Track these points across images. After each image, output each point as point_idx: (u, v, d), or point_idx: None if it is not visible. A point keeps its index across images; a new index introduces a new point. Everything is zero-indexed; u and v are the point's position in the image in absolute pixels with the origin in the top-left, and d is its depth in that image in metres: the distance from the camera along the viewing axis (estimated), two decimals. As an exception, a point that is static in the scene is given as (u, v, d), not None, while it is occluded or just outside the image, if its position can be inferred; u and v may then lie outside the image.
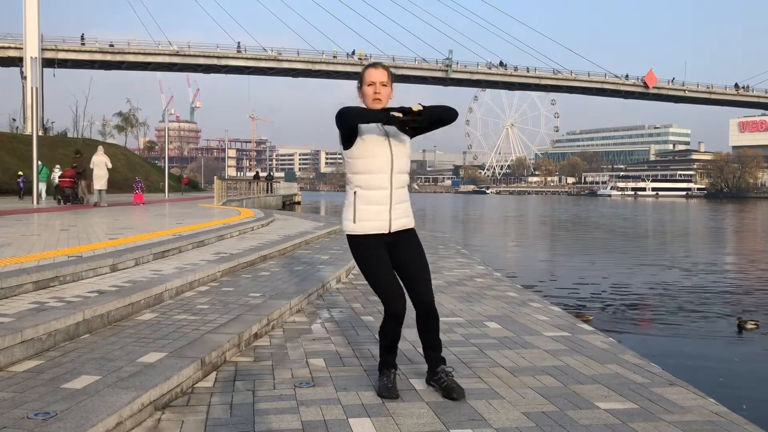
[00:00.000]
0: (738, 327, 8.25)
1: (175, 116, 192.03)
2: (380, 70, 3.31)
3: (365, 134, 3.23)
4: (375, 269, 3.31)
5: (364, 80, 3.30)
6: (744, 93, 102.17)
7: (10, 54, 66.78)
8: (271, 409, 3.10)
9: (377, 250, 3.30)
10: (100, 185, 20.17)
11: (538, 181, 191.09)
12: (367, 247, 3.31)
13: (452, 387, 3.29)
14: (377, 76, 3.28)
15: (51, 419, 2.59)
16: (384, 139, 3.25)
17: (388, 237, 3.32)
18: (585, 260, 16.50)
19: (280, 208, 37.51)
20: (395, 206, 3.30)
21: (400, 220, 3.34)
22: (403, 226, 3.36)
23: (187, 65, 78.80)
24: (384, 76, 3.30)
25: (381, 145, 3.24)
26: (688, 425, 2.98)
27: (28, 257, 5.93)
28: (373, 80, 3.27)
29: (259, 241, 9.41)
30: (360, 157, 3.24)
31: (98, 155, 20.15)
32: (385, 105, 3.29)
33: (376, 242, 3.30)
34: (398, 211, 3.32)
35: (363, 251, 3.33)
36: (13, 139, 43.55)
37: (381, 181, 3.25)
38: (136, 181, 25.11)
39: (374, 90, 3.26)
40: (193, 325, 4.33)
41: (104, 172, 20.08)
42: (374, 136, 3.24)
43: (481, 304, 6.03)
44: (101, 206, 19.19)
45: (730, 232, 29.93)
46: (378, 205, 3.27)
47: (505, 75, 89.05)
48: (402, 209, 3.34)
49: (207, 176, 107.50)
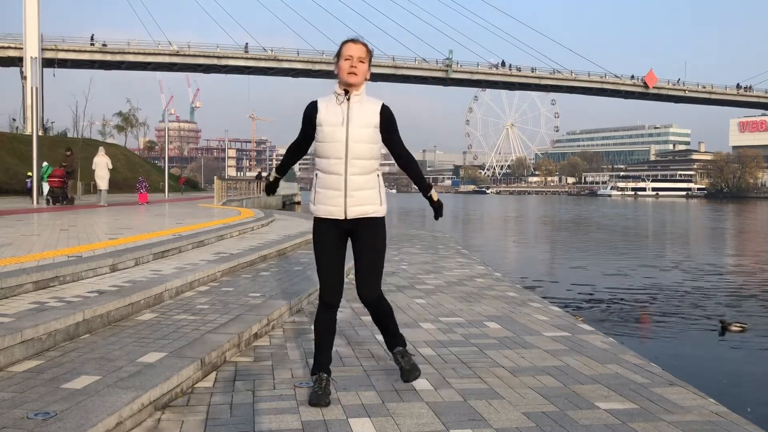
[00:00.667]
0: (721, 328, 8.21)
1: (175, 116, 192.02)
2: (359, 45, 3.22)
3: (323, 121, 3.20)
4: (319, 253, 3.30)
5: (341, 54, 3.22)
6: (744, 93, 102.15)
7: (10, 54, 66.78)
8: (271, 409, 3.09)
9: (329, 235, 3.28)
10: (101, 185, 20.45)
11: (538, 181, 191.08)
12: (320, 231, 3.31)
13: (405, 369, 3.36)
14: (355, 50, 3.19)
15: (51, 419, 2.59)
16: (342, 125, 3.18)
17: (344, 223, 3.25)
18: (585, 261, 16.50)
19: (280, 208, 37.51)
20: (351, 193, 3.20)
21: (358, 208, 3.22)
22: (362, 214, 3.24)
23: (187, 65, 78.80)
24: (362, 52, 3.21)
25: (338, 131, 3.17)
26: (688, 425, 2.98)
27: (28, 257, 5.93)
28: (350, 54, 3.19)
29: (259, 241, 9.40)
30: (320, 141, 3.22)
31: (100, 156, 20.42)
32: (360, 82, 3.21)
33: (330, 227, 3.27)
34: (355, 199, 3.21)
35: (316, 234, 3.33)
36: (13, 139, 43.57)
37: (336, 166, 3.20)
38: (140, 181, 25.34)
39: (351, 64, 3.18)
40: (193, 325, 4.33)
41: (105, 172, 20.35)
42: (332, 123, 3.19)
43: (481, 304, 6.03)
44: (102, 206, 19.25)
45: (734, 233, 29.92)
46: (333, 189, 3.23)
47: (505, 75, 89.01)
48: (361, 197, 3.22)
49: (207, 176, 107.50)
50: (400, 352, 3.42)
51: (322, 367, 3.27)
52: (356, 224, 3.26)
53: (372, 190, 3.26)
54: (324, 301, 3.32)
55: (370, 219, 3.27)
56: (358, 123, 3.19)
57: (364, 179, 3.22)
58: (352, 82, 3.18)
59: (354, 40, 3.25)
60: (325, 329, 3.32)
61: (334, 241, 3.29)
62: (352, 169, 3.19)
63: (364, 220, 3.26)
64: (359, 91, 3.23)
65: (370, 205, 3.26)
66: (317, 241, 3.32)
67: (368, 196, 3.25)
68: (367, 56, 3.23)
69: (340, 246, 3.32)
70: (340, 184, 3.20)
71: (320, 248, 3.31)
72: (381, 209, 3.30)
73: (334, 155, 3.19)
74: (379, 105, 3.26)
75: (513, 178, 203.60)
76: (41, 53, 59.58)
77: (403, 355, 3.41)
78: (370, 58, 3.28)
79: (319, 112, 3.21)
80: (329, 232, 3.28)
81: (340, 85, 3.24)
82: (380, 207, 3.29)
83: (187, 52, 75.87)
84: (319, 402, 3.13)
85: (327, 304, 3.32)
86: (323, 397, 3.16)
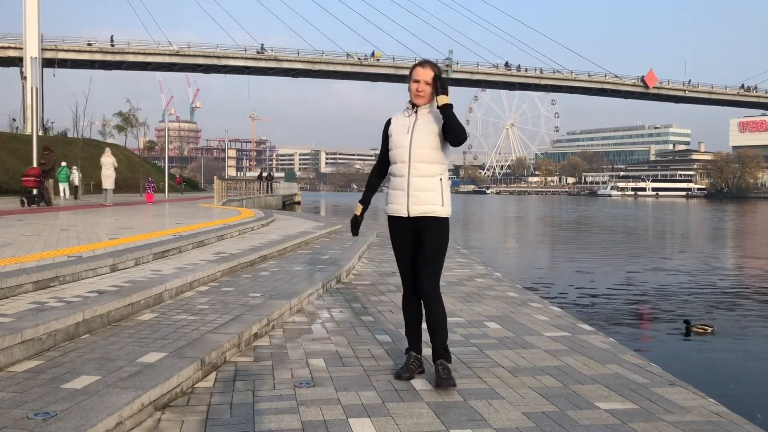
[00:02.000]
0: (686, 329, 8.16)
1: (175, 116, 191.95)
2: (427, 70, 3.53)
3: (393, 131, 3.61)
4: (394, 247, 3.70)
5: (411, 76, 3.56)
6: (744, 93, 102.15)
7: (10, 54, 66.77)
8: (271, 409, 3.09)
9: (399, 232, 3.65)
10: (107, 184, 21.10)
11: (538, 181, 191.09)
12: (392, 228, 3.69)
13: (442, 377, 3.43)
14: (422, 75, 3.52)
15: (51, 419, 2.59)
16: (407, 133, 3.54)
17: (409, 221, 3.57)
18: (586, 261, 16.50)
19: (280, 208, 37.52)
20: (414, 193, 3.52)
21: (421, 207, 3.52)
22: (425, 213, 3.52)
23: (187, 65, 78.78)
24: (428, 77, 3.51)
25: (403, 138, 3.55)
26: (688, 425, 2.98)
27: (28, 257, 5.93)
28: (418, 78, 3.53)
29: (259, 241, 9.41)
30: (390, 149, 3.62)
31: (106, 156, 21.19)
32: (427, 103, 3.55)
33: (399, 225, 3.63)
34: (418, 198, 3.51)
35: (390, 231, 3.71)
36: (13, 139, 43.53)
37: (401, 169, 3.56)
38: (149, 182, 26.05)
39: (417, 88, 3.52)
40: (193, 325, 4.33)
41: (111, 171, 21.09)
42: (399, 131, 3.58)
43: (481, 304, 6.03)
44: (107, 205, 19.55)
45: (738, 234, 29.91)
46: (398, 190, 3.58)
47: (505, 75, 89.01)
48: (422, 197, 3.51)
49: (207, 176, 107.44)
50: (442, 365, 3.48)
51: (412, 346, 3.69)
52: (420, 223, 3.56)
53: (433, 192, 3.54)
54: (404, 290, 3.72)
55: (432, 218, 3.54)
56: (422, 130, 3.52)
57: (425, 181, 3.52)
58: (419, 103, 3.56)
59: (422, 63, 3.61)
60: (408, 313, 3.71)
61: (405, 235, 3.63)
62: (415, 171, 3.52)
63: (427, 219, 3.54)
64: (426, 107, 3.57)
65: (431, 206, 3.53)
66: (392, 238, 3.71)
67: (430, 197, 3.53)
68: (433, 78, 3.52)
69: (411, 241, 3.62)
70: (404, 185, 3.55)
71: (394, 243, 3.70)
72: (442, 210, 3.56)
73: (400, 159, 3.56)
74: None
75: (513, 178, 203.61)
76: (41, 53, 59.56)
77: (444, 368, 3.47)
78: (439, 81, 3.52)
79: (391, 124, 3.65)
80: (398, 229, 3.65)
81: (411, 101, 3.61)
82: (441, 208, 3.55)
83: (187, 52, 75.86)
84: (401, 375, 3.57)
85: (408, 290, 3.69)
86: (404, 371, 3.58)
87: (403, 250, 3.65)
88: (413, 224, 3.57)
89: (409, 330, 3.70)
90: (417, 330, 3.69)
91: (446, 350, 3.54)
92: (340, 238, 11.81)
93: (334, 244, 10.42)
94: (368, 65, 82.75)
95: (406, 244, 3.63)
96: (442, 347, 3.52)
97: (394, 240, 3.68)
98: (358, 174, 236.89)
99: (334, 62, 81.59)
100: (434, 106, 3.53)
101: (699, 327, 8.14)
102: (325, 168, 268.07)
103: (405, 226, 3.60)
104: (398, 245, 3.66)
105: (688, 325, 8.22)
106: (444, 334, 3.55)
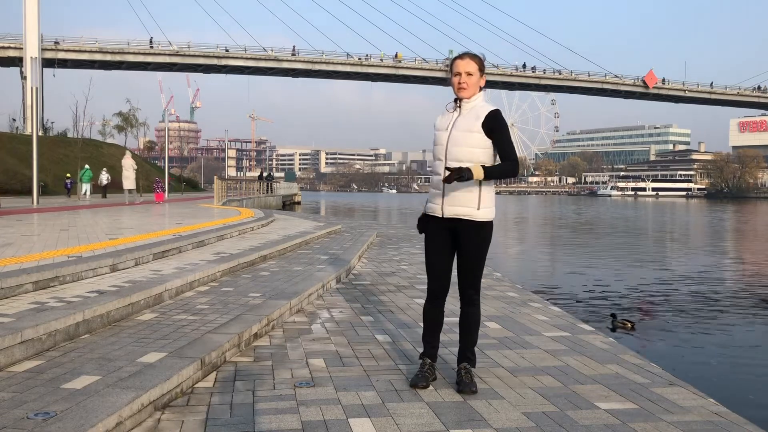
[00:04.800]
0: (612, 324, 8.19)
1: (175, 116, 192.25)
2: (465, 60, 3.39)
3: (436, 127, 3.50)
4: (426, 247, 3.54)
5: (452, 70, 3.42)
6: (744, 93, 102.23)
7: (10, 54, 66.81)
8: (271, 409, 3.09)
9: (434, 231, 3.48)
10: (127, 185, 22.71)
11: (539, 181, 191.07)
12: (428, 226, 3.52)
13: (465, 382, 3.40)
14: (462, 66, 3.38)
15: (51, 419, 2.59)
16: (446, 130, 3.42)
17: (445, 222, 3.42)
18: (586, 261, 16.50)
19: (280, 208, 37.52)
20: (450, 193, 3.37)
21: (455, 208, 3.37)
22: (458, 215, 3.37)
23: (187, 65, 78.84)
24: (469, 66, 3.37)
25: (442, 135, 3.43)
26: (688, 425, 2.98)
27: (28, 257, 5.93)
28: (458, 71, 3.38)
29: (259, 241, 9.40)
30: (433, 146, 3.51)
31: (126, 158, 23.10)
32: (470, 95, 3.39)
33: (435, 224, 3.47)
34: (453, 199, 3.37)
35: (427, 229, 3.54)
36: (13, 139, 43.54)
37: (439, 167, 3.42)
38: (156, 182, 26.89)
39: (459, 81, 3.38)
40: (193, 325, 4.32)
41: (130, 173, 22.64)
42: (440, 128, 3.46)
43: (481, 304, 6.02)
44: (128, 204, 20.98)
45: (741, 234, 29.92)
46: (435, 189, 3.46)
47: (504, 75, 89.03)
48: (459, 198, 3.36)
49: (207, 176, 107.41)
50: (465, 368, 3.46)
51: (427, 353, 3.53)
52: (457, 224, 3.41)
53: (470, 193, 3.36)
54: (428, 289, 3.55)
55: (470, 221, 3.38)
56: (461, 127, 3.37)
57: (465, 182, 3.31)
58: (463, 96, 3.40)
59: (461, 56, 3.43)
60: (429, 318, 3.55)
61: (440, 235, 3.47)
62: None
63: (464, 221, 3.39)
64: (470, 101, 3.41)
65: (466, 207, 3.37)
66: (426, 236, 3.54)
67: (465, 198, 3.37)
68: (476, 68, 3.39)
69: (445, 243, 3.47)
70: (440, 184, 3.40)
71: (427, 242, 3.53)
72: (479, 213, 3.37)
73: (438, 157, 3.44)
74: (487, 110, 3.37)
75: (513, 178, 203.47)
76: (41, 53, 59.60)
77: (467, 372, 3.45)
78: (482, 67, 3.43)
79: (437, 121, 3.52)
80: (434, 228, 3.49)
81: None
82: (477, 211, 3.36)
83: (187, 52, 75.89)
84: (417, 384, 3.40)
85: (431, 294, 3.54)
86: (420, 380, 3.42)
87: (436, 251, 3.48)
88: (449, 225, 3.42)
89: (428, 336, 3.55)
90: (436, 337, 3.56)
91: (473, 354, 3.52)
92: (340, 238, 11.80)
93: (334, 244, 10.42)
94: (368, 65, 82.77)
95: (439, 246, 3.47)
96: (470, 351, 3.50)
97: (429, 239, 3.51)
98: (358, 174, 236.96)
99: (334, 62, 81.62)
100: (479, 100, 3.40)
101: (620, 321, 8.24)
102: (325, 168, 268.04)
103: (441, 227, 3.44)
104: (432, 245, 3.49)
105: (614, 319, 8.31)
106: (475, 338, 3.52)
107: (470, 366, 3.47)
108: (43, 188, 29.18)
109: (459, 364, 3.49)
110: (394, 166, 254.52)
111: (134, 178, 22.98)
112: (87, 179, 28.89)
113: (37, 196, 20.97)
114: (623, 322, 8.20)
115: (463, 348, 3.51)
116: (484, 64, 3.46)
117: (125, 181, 22.70)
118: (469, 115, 3.37)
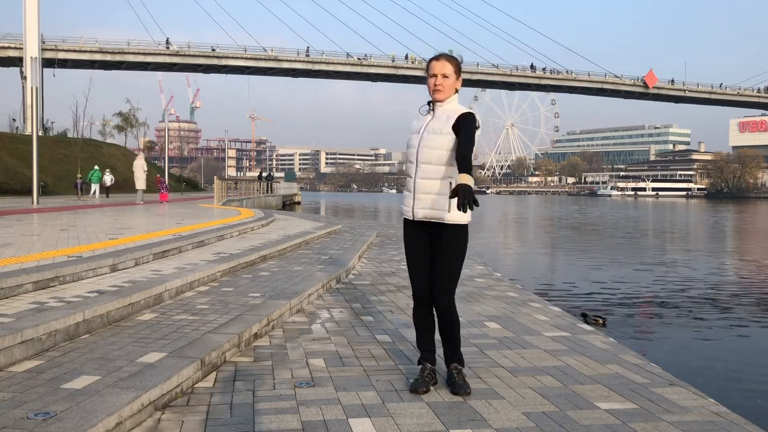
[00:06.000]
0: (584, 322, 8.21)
1: (175, 116, 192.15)
2: (442, 62, 3.36)
3: (410, 130, 3.50)
4: (406, 250, 3.52)
5: (428, 71, 3.40)
6: (744, 93, 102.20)
7: (10, 54, 66.80)
8: (271, 409, 3.09)
9: (411, 233, 3.47)
10: (139, 185, 23.97)
11: (539, 181, 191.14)
12: (405, 229, 3.53)
13: (458, 384, 3.38)
14: (438, 68, 3.36)
15: (51, 419, 2.59)
16: (418, 133, 3.41)
17: (420, 226, 3.41)
18: (586, 261, 16.50)
19: (280, 208, 37.52)
20: (419, 196, 3.36)
21: (425, 211, 3.35)
22: (428, 218, 3.34)
23: (187, 65, 78.82)
24: (445, 68, 3.35)
25: (414, 138, 3.43)
26: (688, 425, 2.98)
27: (28, 257, 5.93)
28: (434, 72, 3.37)
29: (259, 241, 9.40)
30: (406, 148, 3.51)
31: (139, 159, 24.66)
32: (445, 98, 3.37)
33: (410, 226, 3.47)
34: (423, 202, 3.35)
35: (404, 231, 3.54)
36: (13, 139, 43.52)
37: (410, 170, 3.44)
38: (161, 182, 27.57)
39: (434, 82, 3.36)
40: (193, 325, 4.32)
41: (141, 173, 23.82)
42: (414, 130, 3.46)
43: (481, 304, 6.03)
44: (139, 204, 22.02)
45: (743, 234, 29.91)
46: (407, 191, 3.47)
47: (504, 75, 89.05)
48: (428, 200, 3.32)
49: (207, 176, 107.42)
50: (456, 369, 3.44)
51: (426, 358, 3.50)
52: (432, 228, 3.38)
53: (442, 196, 3.31)
54: (414, 294, 3.52)
55: (444, 225, 3.34)
56: (432, 129, 3.35)
57: (431, 184, 3.32)
58: (437, 99, 3.38)
59: (437, 57, 3.40)
60: (419, 322, 3.54)
61: (417, 238, 3.45)
62: (421, 173, 3.35)
63: (439, 225, 3.35)
64: (443, 104, 3.39)
65: (437, 210, 3.33)
66: (404, 239, 3.54)
67: (436, 200, 3.32)
68: (453, 70, 3.37)
69: (423, 245, 3.44)
70: (411, 186, 3.41)
71: (406, 245, 3.52)
72: (449, 216, 3.29)
73: (410, 159, 3.44)
74: (459, 112, 3.35)
75: (513, 178, 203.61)
76: (41, 53, 59.58)
77: (459, 372, 3.44)
78: (458, 69, 3.40)
79: (412, 123, 3.52)
80: (409, 232, 3.48)
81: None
82: (448, 213, 3.29)
83: (187, 52, 75.88)
84: (417, 389, 3.35)
85: (417, 298, 3.50)
86: (420, 385, 3.38)
87: (413, 254, 3.45)
88: (424, 229, 3.39)
89: (422, 341, 3.54)
90: (430, 340, 3.52)
91: (460, 353, 3.50)
92: (340, 238, 11.80)
93: (334, 244, 10.42)
94: (368, 65, 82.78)
95: (417, 249, 3.44)
96: (457, 352, 3.48)
97: (405, 241, 3.50)
98: (358, 174, 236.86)
99: (334, 62, 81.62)
100: (453, 103, 3.38)
101: (592, 318, 8.30)
102: (325, 168, 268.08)
103: (417, 230, 3.42)
104: (409, 249, 3.48)
105: (585, 318, 8.33)
106: (457, 341, 3.48)
107: (460, 366, 3.47)
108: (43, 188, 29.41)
109: (448, 365, 3.47)
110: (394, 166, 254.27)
111: (145, 179, 24.23)
112: (96, 179, 30.40)
113: (37, 196, 21.00)
114: (595, 318, 8.34)
115: (450, 353, 3.48)
116: (461, 66, 3.44)
117: (137, 182, 24.01)
118: (441, 117, 3.35)
